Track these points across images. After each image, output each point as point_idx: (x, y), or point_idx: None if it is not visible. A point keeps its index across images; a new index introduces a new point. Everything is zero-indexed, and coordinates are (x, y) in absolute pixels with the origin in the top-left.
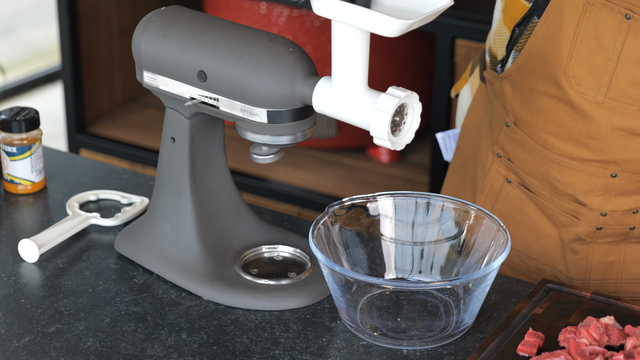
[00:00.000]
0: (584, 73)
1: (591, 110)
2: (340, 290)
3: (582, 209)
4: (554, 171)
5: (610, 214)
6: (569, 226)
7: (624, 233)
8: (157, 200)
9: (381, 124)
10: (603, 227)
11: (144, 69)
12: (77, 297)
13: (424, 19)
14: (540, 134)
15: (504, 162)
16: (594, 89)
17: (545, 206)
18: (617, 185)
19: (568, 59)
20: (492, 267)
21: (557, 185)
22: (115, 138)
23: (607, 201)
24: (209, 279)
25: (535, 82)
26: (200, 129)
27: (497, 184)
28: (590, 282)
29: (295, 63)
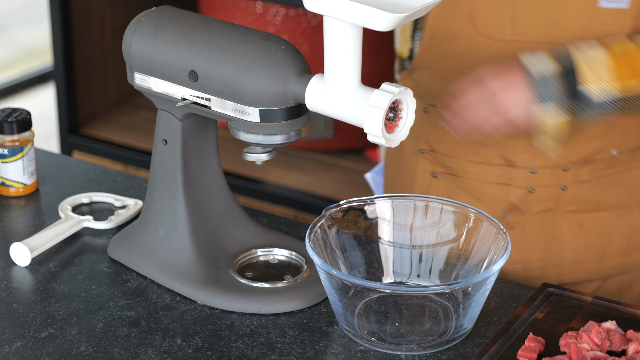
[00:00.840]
0: (488, 12)
1: (503, 52)
2: (337, 294)
3: (512, 170)
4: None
5: (539, 170)
6: (500, 197)
7: (556, 196)
8: (150, 204)
9: (375, 120)
10: (535, 189)
11: (134, 71)
12: (70, 302)
13: (416, 13)
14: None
15: (428, 155)
16: (500, 27)
17: (473, 186)
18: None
19: (471, 4)
20: (491, 271)
21: (484, 151)
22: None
23: (534, 157)
24: (204, 283)
25: (445, 48)
26: (192, 131)
27: (425, 183)
28: (531, 265)
29: (288, 61)
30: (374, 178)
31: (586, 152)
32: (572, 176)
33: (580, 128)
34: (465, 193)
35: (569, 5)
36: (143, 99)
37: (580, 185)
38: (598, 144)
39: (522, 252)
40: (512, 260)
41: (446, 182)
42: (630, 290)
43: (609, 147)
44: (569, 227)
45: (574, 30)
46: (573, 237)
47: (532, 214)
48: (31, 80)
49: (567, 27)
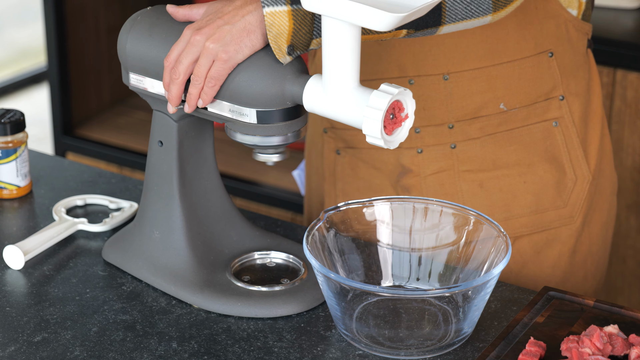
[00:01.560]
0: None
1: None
2: (335, 298)
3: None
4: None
5: (424, 129)
6: (393, 162)
7: (447, 155)
8: (146, 206)
9: (373, 121)
10: (423, 150)
11: (129, 71)
12: (64, 305)
13: (416, 13)
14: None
15: (331, 133)
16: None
17: (370, 156)
18: (419, 94)
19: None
20: (492, 274)
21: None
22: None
23: (416, 115)
24: (200, 286)
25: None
26: (188, 132)
27: (331, 164)
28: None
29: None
30: (300, 175)
31: (469, 107)
32: (460, 133)
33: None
34: (365, 164)
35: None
36: (138, 99)
37: (471, 142)
38: (480, 98)
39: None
40: None
41: (348, 156)
42: (549, 251)
43: (494, 100)
44: (468, 187)
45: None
46: (473, 196)
47: (426, 175)
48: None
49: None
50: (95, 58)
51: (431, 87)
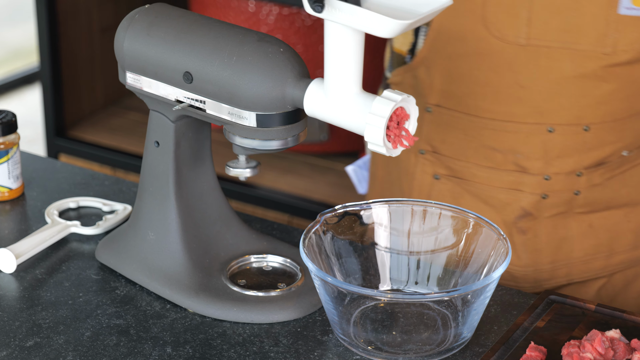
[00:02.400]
0: (502, 15)
1: (516, 55)
2: (332, 302)
3: (525, 176)
4: (488, 140)
5: (553, 177)
6: (512, 203)
7: (569, 201)
8: (141, 208)
9: (376, 129)
10: (548, 195)
11: (127, 70)
12: (57, 310)
13: (422, 19)
14: (468, 102)
15: (429, 157)
16: (515, 30)
17: (482, 190)
18: (556, 142)
19: (483, 6)
20: (492, 278)
21: (495, 155)
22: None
23: (549, 163)
24: (195, 290)
25: (453, 47)
26: (185, 133)
27: (425, 185)
28: (542, 267)
29: (286, 64)
30: (356, 172)
31: (600, 156)
32: (585, 180)
33: None
34: (473, 196)
35: (587, 10)
36: (132, 100)
37: (593, 188)
38: (611, 148)
39: (534, 256)
40: (524, 264)
41: (450, 184)
42: (636, 283)
43: (621, 149)
44: (578, 227)
45: (591, 37)
46: (582, 237)
47: (544, 218)
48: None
49: (584, 32)
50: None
51: (570, 136)
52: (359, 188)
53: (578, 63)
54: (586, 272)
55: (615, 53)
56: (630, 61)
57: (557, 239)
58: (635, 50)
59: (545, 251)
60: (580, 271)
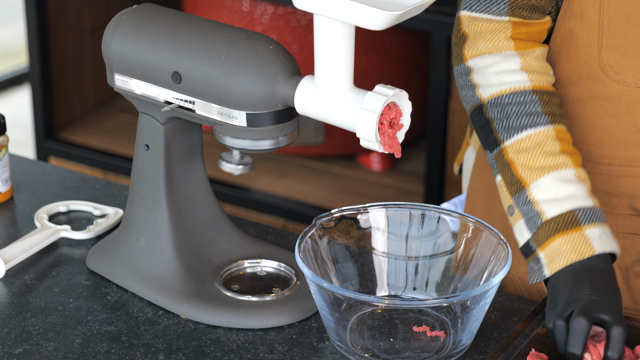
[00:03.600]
0: (620, 57)
1: (635, 97)
2: (328, 308)
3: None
4: (603, 185)
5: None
6: (629, 247)
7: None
8: (131, 212)
9: (368, 124)
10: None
11: (115, 72)
12: (46, 316)
13: (412, 11)
14: (581, 148)
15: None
16: (635, 73)
17: None
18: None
19: (599, 47)
20: (491, 284)
21: (611, 200)
22: (87, 145)
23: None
24: (187, 296)
25: (564, 90)
26: (175, 135)
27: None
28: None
29: (276, 62)
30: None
31: None
32: None
33: None
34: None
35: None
36: (123, 101)
37: None
38: None
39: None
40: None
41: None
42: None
43: None
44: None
45: None
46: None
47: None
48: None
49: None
50: (78, 58)
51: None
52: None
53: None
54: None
55: None
56: None
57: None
58: None
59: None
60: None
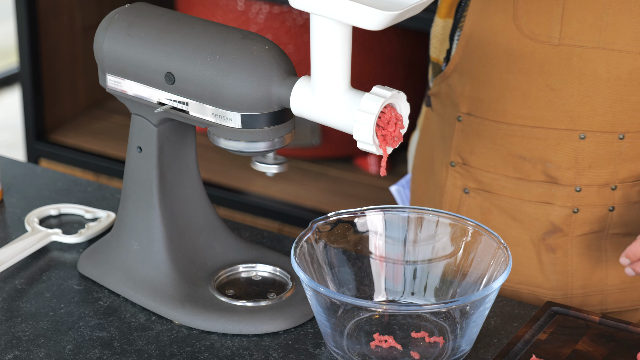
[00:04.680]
0: (534, 12)
1: (547, 56)
2: (325, 313)
3: (554, 187)
4: (518, 148)
5: (585, 188)
6: (541, 217)
7: (602, 217)
8: (124, 216)
9: (365, 126)
10: (580, 209)
11: (107, 72)
12: (37, 321)
13: (410, 11)
14: (497, 108)
15: (459, 169)
16: (547, 29)
17: (510, 205)
18: (589, 150)
19: (515, 3)
20: (491, 289)
21: (525, 165)
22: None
23: (580, 174)
24: (181, 301)
25: (483, 50)
26: (169, 137)
27: (455, 199)
28: (574, 292)
29: (271, 62)
30: (399, 191)
31: (638, 170)
32: (621, 196)
33: None
34: (501, 212)
35: (623, 7)
36: (116, 103)
37: (630, 206)
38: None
39: (564, 278)
40: (553, 287)
41: (479, 199)
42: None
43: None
44: (614, 250)
45: (627, 36)
46: (618, 262)
47: (575, 236)
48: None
49: (620, 31)
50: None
51: (603, 145)
52: None
53: (613, 64)
54: (622, 302)
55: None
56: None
57: (590, 262)
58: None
59: (576, 275)
60: (615, 300)
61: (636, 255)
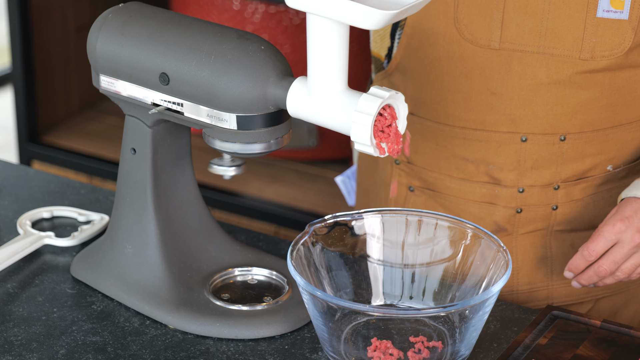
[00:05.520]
0: (474, 16)
1: (488, 59)
2: (322, 317)
3: (497, 188)
4: (460, 149)
5: (528, 189)
6: (485, 217)
7: (546, 216)
8: (118, 219)
9: (363, 127)
10: (523, 209)
11: (100, 73)
12: (29, 326)
13: (408, 10)
14: (439, 109)
15: (404, 167)
16: (488, 33)
17: (455, 204)
18: (531, 152)
19: (455, 6)
20: (491, 292)
21: (467, 166)
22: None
23: (522, 175)
24: (176, 305)
25: (424, 51)
26: (163, 139)
27: (400, 197)
28: (519, 289)
29: (267, 62)
30: (345, 182)
31: (579, 169)
32: (564, 194)
33: None
34: (446, 210)
35: (563, 13)
36: (109, 104)
37: (573, 204)
38: (592, 160)
39: (510, 277)
40: None
41: (424, 197)
42: (625, 310)
43: (605, 163)
44: (558, 247)
45: (567, 41)
46: (563, 257)
47: (519, 234)
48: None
49: (560, 36)
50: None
51: (545, 146)
52: (349, 199)
53: (553, 69)
54: (568, 297)
55: (593, 59)
56: (609, 67)
57: (535, 259)
58: (614, 56)
59: (522, 271)
60: (561, 295)
61: (578, 268)
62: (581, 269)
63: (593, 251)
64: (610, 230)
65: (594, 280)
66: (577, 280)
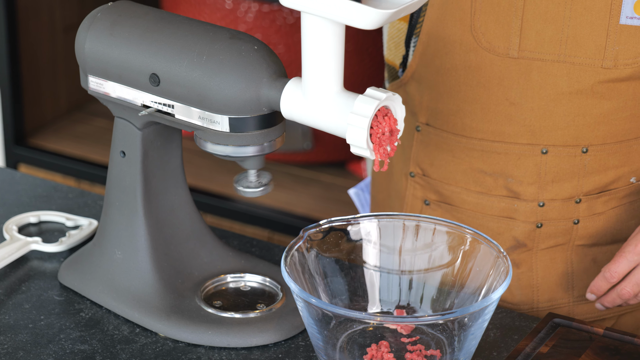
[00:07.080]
0: (492, 24)
1: (506, 69)
2: (317, 325)
3: (517, 202)
4: (478, 162)
5: (549, 203)
6: (504, 233)
7: (567, 231)
8: (107, 224)
9: (358, 129)
10: (543, 224)
11: (89, 73)
12: (16, 334)
13: (405, 9)
14: (456, 121)
15: (419, 180)
16: (506, 41)
17: (472, 218)
18: (551, 165)
19: (472, 13)
20: (490, 300)
21: (486, 180)
22: (60, 151)
23: (543, 188)
24: (166, 312)
25: (441, 60)
26: (154, 141)
27: (415, 210)
28: (540, 306)
29: (261, 63)
30: (358, 195)
31: (602, 182)
32: (586, 208)
33: None
34: None
35: (584, 20)
36: (98, 105)
37: (595, 217)
38: (615, 172)
39: (529, 293)
40: (518, 302)
41: (440, 211)
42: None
43: (628, 175)
44: (580, 262)
45: (589, 49)
46: (585, 273)
47: (539, 250)
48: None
49: (581, 44)
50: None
51: (566, 159)
52: (362, 212)
53: (574, 78)
54: (590, 313)
55: (616, 67)
56: (633, 76)
57: (555, 275)
58: (638, 64)
59: (542, 288)
60: (583, 312)
61: (600, 290)
62: (603, 290)
63: (615, 272)
64: (632, 251)
65: (617, 303)
66: (600, 302)
